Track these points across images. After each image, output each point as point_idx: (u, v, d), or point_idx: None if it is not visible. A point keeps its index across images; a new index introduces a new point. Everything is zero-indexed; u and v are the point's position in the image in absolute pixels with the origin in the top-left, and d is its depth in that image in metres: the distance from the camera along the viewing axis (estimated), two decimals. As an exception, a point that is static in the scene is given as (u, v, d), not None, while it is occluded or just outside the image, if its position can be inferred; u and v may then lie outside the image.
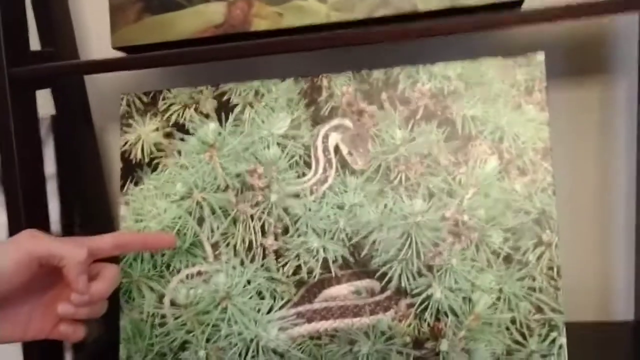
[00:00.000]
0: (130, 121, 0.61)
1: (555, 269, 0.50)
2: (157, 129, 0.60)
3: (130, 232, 0.59)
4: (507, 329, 0.51)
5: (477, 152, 0.52)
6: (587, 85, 0.67)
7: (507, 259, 0.51)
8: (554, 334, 0.50)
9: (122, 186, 0.60)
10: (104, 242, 0.52)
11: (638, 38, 0.62)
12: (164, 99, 0.60)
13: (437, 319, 0.52)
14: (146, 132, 0.60)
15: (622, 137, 0.68)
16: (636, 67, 0.63)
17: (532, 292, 0.51)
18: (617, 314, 0.72)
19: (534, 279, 0.51)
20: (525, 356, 0.51)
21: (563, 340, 0.50)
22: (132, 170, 0.60)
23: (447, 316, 0.52)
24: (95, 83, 0.76)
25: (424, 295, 0.53)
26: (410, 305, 0.53)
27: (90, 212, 0.76)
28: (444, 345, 0.52)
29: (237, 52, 0.56)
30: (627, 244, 0.70)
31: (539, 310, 0.51)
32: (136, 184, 0.60)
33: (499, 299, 0.51)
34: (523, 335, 0.51)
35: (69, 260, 0.48)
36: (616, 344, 0.65)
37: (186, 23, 0.59)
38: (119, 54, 0.61)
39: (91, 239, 0.52)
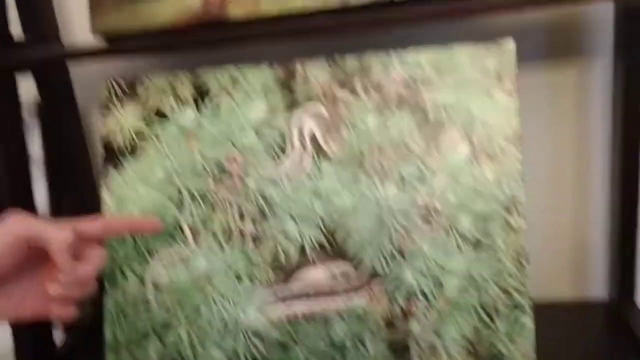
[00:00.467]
0: (111, 107, 0.61)
1: (522, 253, 0.52)
2: (137, 116, 0.61)
3: (118, 216, 0.60)
4: (476, 311, 0.53)
5: (448, 139, 0.53)
6: (564, 69, 0.67)
7: (476, 244, 0.53)
8: (520, 316, 0.52)
9: (104, 172, 0.61)
10: (92, 225, 0.54)
11: (613, 22, 0.62)
12: (143, 85, 0.61)
13: (409, 301, 0.54)
14: (126, 118, 0.61)
15: (597, 119, 0.68)
16: (611, 50, 0.64)
17: (499, 276, 0.52)
18: (591, 292, 0.74)
19: (501, 263, 0.52)
20: (493, 337, 0.52)
21: (529, 322, 0.52)
22: (113, 156, 0.61)
23: (418, 298, 0.54)
24: (79, 67, 0.77)
25: (396, 279, 0.54)
26: (383, 289, 0.54)
27: (78, 195, 0.77)
28: (414, 327, 0.54)
29: (215, 41, 0.56)
30: (603, 226, 0.71)
31: (506, 293, 0.52)
32: (117, 170, 0.61)
33: (467, 282, 0.53)
34: (491, 317, 0.52)
35: (55, 241, 0.49)
36: (590, 324, 0.67)
37: (164, 9, 0.59)
38: (100, 40, 0.62)
39: (79, 222, 0.53)
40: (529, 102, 0.67)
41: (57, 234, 0.49)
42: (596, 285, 0.74)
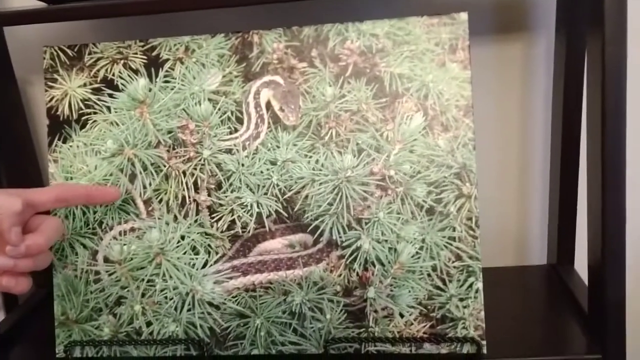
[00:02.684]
0: (55, 76, 0.59)
1: (473, 220, 0.54)
2: (84, 85, 0.58)
3: (74, 184, 0.58)
4: (429, 275, 0.55)
5: (404, 109, 0.54)
6: (510, 42, 0.70)
7: (430, 211, 0.54)
8: (471, 280, 0.54)
9: (50, 143, 0.59)
10: (46, 194, 0.51)
11: (556, -2, 0.65)
12: (90, 53, 0.58)
13: (365, 269, 0.55)
14: (73, 87, 0.59)
15: (541, 91, 0.72)
16: (553, 24, 0.66)
17: (452, 242, 0.54)
18: (532, 259, 0.78)
19: (454, 229, 0.54)
20: (445, 300, 0.54)
21: (480, 285, 0.54)
22: (59, 127, 0.59)
23: (374, 266, 0.55)
24: (15, 33, 0.73)
25: (353, 247, 0.55)
26: (341, 257, 0.56)
27: (17, 169, 0.73)
28: (371, 293, 0.55)
29: (165, 6, 0.54)
30: (542, 195, 0.75)
31: (458, 258, 0.54)
32: (64, 141, 0.58)
33: (421, 248, 0.54)
34: (443, 281, 0.54)
35: (3, 210, 0.47)
36: (531, 286, 0.71)
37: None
38: (40, 4, 0.59)
39: (33, 191, 0.51)
40: (477, 75, 0.69)
41: (5, 202, 0.47)
42: (535, 253, 0.78)
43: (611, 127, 0.51)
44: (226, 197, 0.57)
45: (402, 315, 0.55)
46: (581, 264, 0.69)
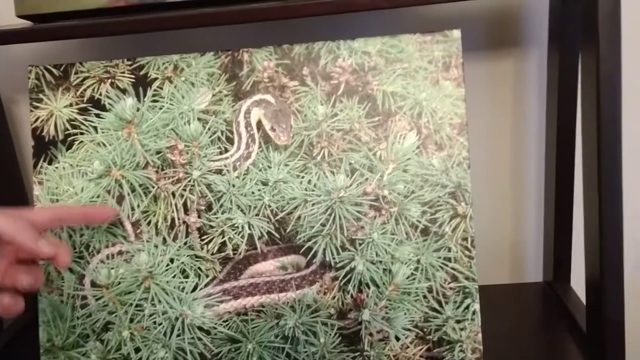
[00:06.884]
0: (41, 96, 0.57)
1: (469, 240, 0.53)
2: (70, 105, 0.57)
3: (68, 205, 0.56)
4: (425, 297, 0.53)
5: (397, 127, 0.54)
6: (501, 58, 0.70)
7: (425, 231, 0.53)
8: (468, 301, 0.53)
9: (35, 165, 0.57)
10: (41, 215, 0.50)
11: (548, 13, 0.65)
12: (76, 72, 0.57)
13: (360, 291, 0.54)
14: (59, 107, 0.57)
15: (534, 105, 0.71)
16: (546, 40, 0.66)
17: (447, 262, 0.53)
18: (527, 276, 0.77)
19: (449, 250, 0.53)
20: (442, 322, 0.53)
21: (477, 306, 0.53)
22: (45, 147, 0.57)
23: (368, 287, 0.54)
24: (0, 52, 0.72)
25: (347, 268, 0.54)
26: (335, 279, 0.54)
27: (1, 190, 0.72)
28: (365, 315, 0.54)
29: (153, 25, 0.54)
30: (537, 211, 0.75)
31: (454, 279, 0.53)
32: (50, 163, 0.57)
33: (416, 269, 0.53)
34: (439, 302, 0.53)
35: (16, 234, 0.45)
36: (527, 304, 0.70)
37: (97, -9, 0.56)
38: (26, 22, 0.58)
39: (28, 211, 0.50)
40: (468, 91, 0.69)
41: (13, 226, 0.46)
42: (531, 270, 0.77)
43: (607, 142, 0.51)
44: (217, 218, 0.55)
45: (397, 339, 0.54)
46: (577, 281, 0.68)
